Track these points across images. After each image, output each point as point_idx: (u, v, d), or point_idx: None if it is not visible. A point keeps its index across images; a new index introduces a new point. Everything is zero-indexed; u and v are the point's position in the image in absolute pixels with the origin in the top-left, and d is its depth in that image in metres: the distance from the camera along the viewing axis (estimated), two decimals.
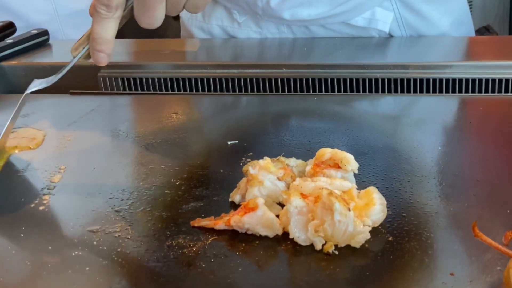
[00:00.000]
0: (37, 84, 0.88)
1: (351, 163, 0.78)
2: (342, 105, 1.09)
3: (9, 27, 1.44)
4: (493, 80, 1.13)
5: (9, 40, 1.37)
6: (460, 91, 1.14)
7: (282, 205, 0.74)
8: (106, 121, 1.08)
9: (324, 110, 1.07)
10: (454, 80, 1.14)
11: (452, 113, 1.04)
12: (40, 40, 1.42)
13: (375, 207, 0.71)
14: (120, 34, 0.83)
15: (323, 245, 0.68)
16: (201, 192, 0.81)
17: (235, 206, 0.77)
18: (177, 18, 1.61)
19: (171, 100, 1.18)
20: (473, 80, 1.13)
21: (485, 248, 0.64)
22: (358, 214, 0.70)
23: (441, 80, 1.14)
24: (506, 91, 1.13)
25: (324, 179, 0.76)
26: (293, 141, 0.93)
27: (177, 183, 0.83)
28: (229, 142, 0.94)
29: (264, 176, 0.76)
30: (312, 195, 0.71)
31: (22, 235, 0.74)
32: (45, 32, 1.44)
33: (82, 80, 1.27)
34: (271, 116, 1.07)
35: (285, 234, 0.70)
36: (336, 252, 0.67)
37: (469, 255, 0.66)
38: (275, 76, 1.20)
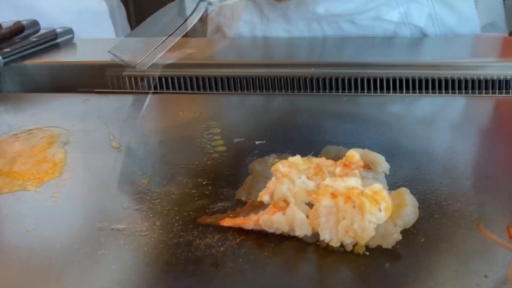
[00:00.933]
0: None
1: (382, 164, 0.77)
2: (372, 105, 1.07)
3: (33, 26, 1.44)
4: None
5: (33, 39, 1.37)
6: (494, 92, 1.12)
7: (310, 206, 0.73)
8: (115, 120, 1.07)
9: (355, 110, 1.06)
10: (487, 80, 1.12)
11: (485, 114, 1.03)
12: (64, 39, 1.42)
13: (406, 208, 0.70)
14: None
15: (353, 246, 0.67)
16: (228, 192, 0.80)
17: (264, 206, 0.76)
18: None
19: (196, 100, 1.17)
20: (507, 80, 1.11)
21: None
22: (389, 215, 0.69)
23: (473, 80, 1.12)
24: None
25: (355, 179, 0.74)
26: (322, 142, 0.92)
27: (204, 183, 0.83)
28: (257, 142, 0.93)
29: (294, 174, 0.75)
30: (342, 195, 0.70)
31: (31, 232, 0.74)
32: (69, 31, 1.43)
33: (90, 78, 1.27)
34: (299, 116, 1.06)
35: (314, 234, 0.69)
36: (367, 253, 0.66)
37: (504, 257, 0.65)
38: (304, 75, 1.19)
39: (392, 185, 0.78)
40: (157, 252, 0.69)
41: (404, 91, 1.14)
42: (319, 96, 1.16)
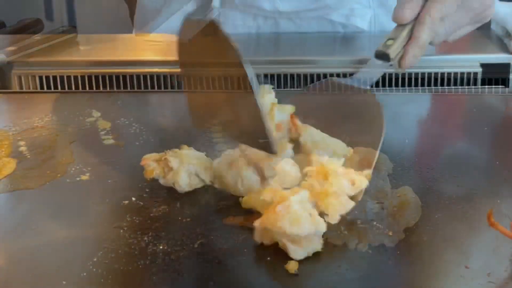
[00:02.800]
0: None
1: (385, 164, 0.78)
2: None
3: (37, 24, 1.44)
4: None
5: (37, 37, 1.37)
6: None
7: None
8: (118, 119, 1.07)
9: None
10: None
11: (487, 114, 1.03)
12: (68, 37, 1.42)
13: (409, 207, 0.72)
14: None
15: (356, 245, 0.67)
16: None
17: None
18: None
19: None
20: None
21: (501, 240, 0.65)
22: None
23: (476, 79, 1.13)
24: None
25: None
26: None
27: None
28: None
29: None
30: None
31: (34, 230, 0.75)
32: (73, 29, 1.43)
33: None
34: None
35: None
36: (370, 252, 0.67)
37: (507, 256, 0.65)
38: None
39: (395, 184, 0.78)
40: (160, 250, 0.69)
41: (407, 89, 1.15)
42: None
